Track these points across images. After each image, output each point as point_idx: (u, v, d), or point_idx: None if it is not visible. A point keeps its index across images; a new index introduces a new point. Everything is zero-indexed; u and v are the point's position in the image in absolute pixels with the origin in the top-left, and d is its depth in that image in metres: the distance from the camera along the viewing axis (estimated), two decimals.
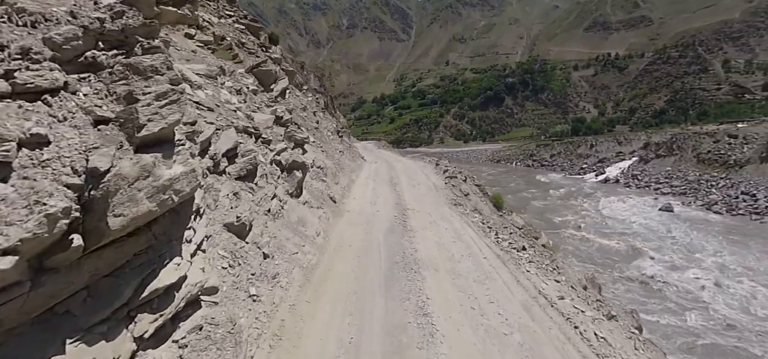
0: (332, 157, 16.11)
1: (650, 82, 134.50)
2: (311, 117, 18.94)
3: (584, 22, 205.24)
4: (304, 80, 45.48)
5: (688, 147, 66.70)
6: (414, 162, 25.99)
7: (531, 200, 46.56)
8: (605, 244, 28.36)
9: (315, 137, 16.41)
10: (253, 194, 7.50)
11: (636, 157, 75.25)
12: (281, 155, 8.89)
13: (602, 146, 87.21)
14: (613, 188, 59.46)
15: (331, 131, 22.31)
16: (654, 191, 55.20)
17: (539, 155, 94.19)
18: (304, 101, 20.17)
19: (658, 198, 50.33)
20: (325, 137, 18.84)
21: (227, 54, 12.46)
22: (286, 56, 43.59)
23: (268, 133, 9.03)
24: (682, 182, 57.14)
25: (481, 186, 16.47)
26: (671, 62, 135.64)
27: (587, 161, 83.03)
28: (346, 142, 27.53)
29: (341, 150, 20.63)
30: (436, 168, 20.51)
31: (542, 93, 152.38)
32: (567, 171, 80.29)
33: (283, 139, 10.38)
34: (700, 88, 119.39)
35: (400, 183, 15.95)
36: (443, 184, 15.79)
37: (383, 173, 18.92)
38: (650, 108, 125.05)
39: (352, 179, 15.93)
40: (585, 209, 42.24)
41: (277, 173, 8.21)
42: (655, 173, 64.53)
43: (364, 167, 20.93)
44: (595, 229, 32.61)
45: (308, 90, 30.73)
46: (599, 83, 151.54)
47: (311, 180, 11.65)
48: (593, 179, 70.79)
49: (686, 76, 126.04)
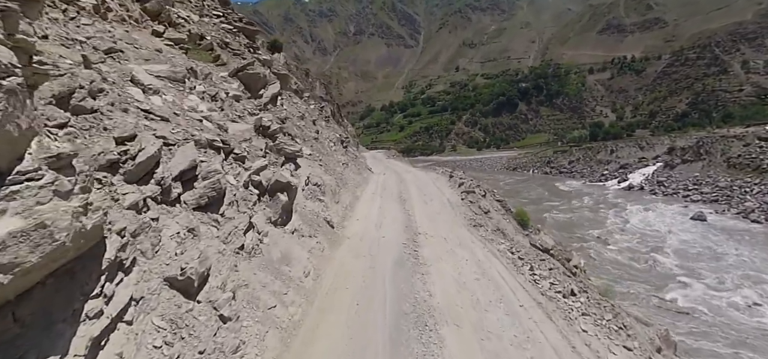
0: (333, 171, 14.43)
1: (670, 85, 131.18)
2: (310, 126, 17.33)
3: (597, 25, 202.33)
4: (309, 87, 44.22)
5: (717, 151, 63.91)
6: (425, 174, 24.17)
7: (551, 211, 44.32)
8: (636, 260, 26.13)
9: (313, 148, 14.78)
10: (219, 229, 5.82)
11: (660, 162, 72.57)
12: (261, 175, 7.23)
13: (623, 151, 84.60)
14: (638, 196, 56.81)
15: (333, 141, 20.66)
16: (683, 198, 52.62)
17: (557, 162, 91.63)
18: (302, 109, 18.59)
19: (688, 206, 47.77)
20: (325, 148, 17.20)
21: (206, 55, 10.99)
22: (291, 63, 42.50)
23: (244, 147, 7.39)
24: (712, 188, 54.45)
25: (504, 202, 14.60)
26: (689, 64, 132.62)
27: (608, 167, 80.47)
28: (352, 152, 25.85)
29: (345, 162, 18.95)
30: (451, 180, 18.65)
31: (557, 98, 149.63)
32: (587, 178, 77.84)
33: (267, 153, 8.75)
34: (721, 90, 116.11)
35: (410, 199, 14.20)
36: (459, 200, 13.95)
37: (392, 187, 17.19)
38: (671, 111, 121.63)
39: (356, 196, 14.22)
40: (610, 220, 39.84)
41: (254, 199, 6.55)
42: (682, 180, 61.82)
43: (371, 181, 19.22)
44: (624, 243, 30.25)
45: (311, 97, 29.28)
46: (616, 87, 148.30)
47: (305, 201, 9.96)
48: (615, 186, 68.30)
49: (706, 78, 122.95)
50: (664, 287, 20.97)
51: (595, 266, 22.63)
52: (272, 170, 7.49)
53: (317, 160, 13.61)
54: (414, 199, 14.27)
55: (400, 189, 16.58)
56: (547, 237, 14.36)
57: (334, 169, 15.00)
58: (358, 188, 15.87)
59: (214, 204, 5.97)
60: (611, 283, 18.83)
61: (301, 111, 17.86)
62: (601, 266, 23.17)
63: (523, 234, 13.50)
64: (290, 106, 17.37)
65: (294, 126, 14.83)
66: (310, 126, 17.60)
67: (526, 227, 13.80)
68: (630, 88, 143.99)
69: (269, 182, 7.35)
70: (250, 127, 9.00)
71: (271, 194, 7.35)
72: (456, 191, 15.62)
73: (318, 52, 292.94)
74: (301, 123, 16.30)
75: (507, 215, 13.98)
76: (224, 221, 6.07)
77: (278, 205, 7.32)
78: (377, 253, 8.30)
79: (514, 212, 14.18)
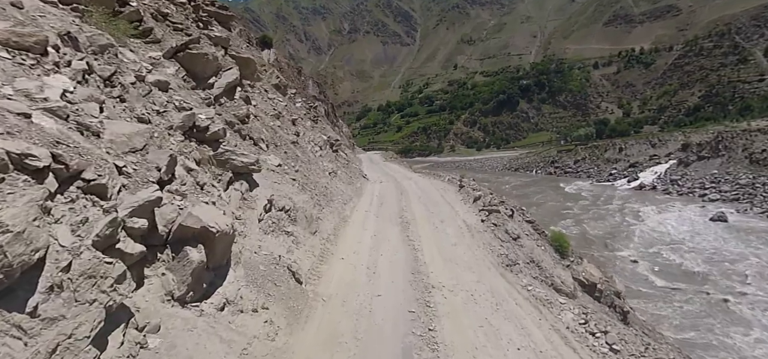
0: (314, 185, 11.23)
1: (681, 78, 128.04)
2: (288, 127, 14.09)
3: (604, 16, 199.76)
4: (301, 86, 41.10)
5: (738, 146, 61.61)
6: (429, 181, 20.78)
7: (561, 214, 41.36)
8: (657, 268, 23.11)
9: (288, 156, 11.55)
10: (26, 346, 2.65)
11: (674, 160, 70.21)
12: (151, 216, 4.04)
13: (633, 149, 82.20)
14: (651, 196, 54.15)
15: (320, 145, 17.41)
16: (699, 197, 50.18)
17: (562, 162, 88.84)
18: (279, 106, 15.34)
19: (706, 206, 45.29)
20: (307, 154, 13.95)
21: (125, 26, 7.84)
22: (282, 61, 39.31)
23: (130, 164, 4.16)
24: (732, 186, 52.16)
25: (535, 223, 11.42)
26: (704, 54, 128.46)
27: (616, 166, 78.00)
28: (344, 157, 22.61)
29: (333, 170, 15.71)
30: (462, 191, 15.46)
31: (560, 95, 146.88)
32: (594, 178, 75.31)
33: (192, 171, 5.54)
34: (739, 81, 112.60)
35: (414, 221, 11.00)
36: (479, 221, 10.78)
37: (390, 202, 14.00)
38: (683, 105, 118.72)
39: (343, 217, 11.01)
40: (624, 223, 37.15)
41: (119, 269, 3.32)
42: (698, 178, 59.44)
43: (365, 192, 16.00)
44: (641, 249, 27.51)
45: (298, 95, 26.00)
46: (623, 81, 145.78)
47: (261, 238, 6.76)
48: (625, 186, 65.94)
49: (722, 69, 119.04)
50: (692, 297, 17.91)
51: (628, 292, 19.46)
52: (176, 207, 4.29)
53: (290, 172, 10.37)
54: (419, 220, 11.06)
55: (400, 205, 13.38)
56: (591, 267, 11.20)
57: (315, 182, 11.77)
58: (347, 205, 12.66)
59: (7, 295, 2.77)
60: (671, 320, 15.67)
61: (277, 109, 14.61)
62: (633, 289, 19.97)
63: (563, 266, 10.35)
64: (263, 101, 14.15)
65: (263, 127, 11.61)
66: (288, 127, 14.36)
67: (565, 254, 10.70)
68: (637, 83, 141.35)
69: (169, 227, 4.15)
70: (164, 129, 5.83)
71: (174, 250, 4.16)
72: (471, 207, 12.39)
73: (312, 51, 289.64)
74: (275, 123, 13.07)
75: (541, 239, 10.85)
76: (38, 327, 2.87)
77: (186, 267, 4.12)
78: (368, 339, 5.08)
79: (550, 236, 11.07)
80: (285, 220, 7.99)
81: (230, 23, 19.24)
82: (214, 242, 4.55)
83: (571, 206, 45.70)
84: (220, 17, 17.31)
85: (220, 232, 4.57)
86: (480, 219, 10.88)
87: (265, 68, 20.75)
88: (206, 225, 4.38)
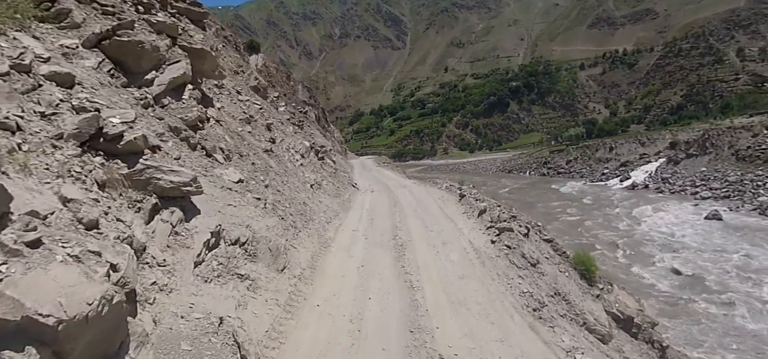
0: (288, 204, 9.07)
1: (663, 78, 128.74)
2: (261, 133, 11.89)
3: (587, 19, 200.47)
4: (290, 91, 38.84)
5: (724, 144, 61.00)
6: (425, 189, 18.59)
7: (557, 215, 39.71)
8: (657, 270, 21.94)
9: (255, 168, 9.35)
10: None
11: (663, 158, 69.49)
12: None
13: (623, 148, 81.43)
14: (644, 195, 53.03)
15: (301, 153, 15.20)
16: (691, 195, 49.41)
17: (554, 162, 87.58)
18: (253, 110, 13.16)
19: (699, 204, 44.60)
20: (284, 164, 11.73)
21: (26, 6, 5.70)
22: (271, 65, 36.97)
23: None
24: (722, 183, 51.56)
25: (554, 243, 9.36)
26: (683, 55, 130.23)
27: (608, 165, 77.07)
28: (331, 165, 20.41)
29: (316, 182, 13.53)
30: (463, 202, 13.30)
31: (549, 96, 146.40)
32: (587, 178, 74.19)
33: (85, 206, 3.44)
34: (717, 80, 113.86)
35: (411, 244, 8.89)
36: (488, 242, 8.68)
37: (382, 217, 11.85)
38: (666, 104, 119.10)
39: (324, 242, 8.86)
40: (619, 224, 35.93)
41: None
42: (688, 176, 58.70)
43: (354, 205, 13.83)
44: (638, 249, 26.39)
45: (280, 98, 23.77)
46: (608, 82, 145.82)
47: (195, 291, 4.64)
48: (618, 185, 64.92)
49: (701, 69, 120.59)
50: (696, 300, 16.21)
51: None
52: None
53: (256, 189, 8.20)
54: (417, 242, 8.95)
55: (394, 220, 11.26)
56: (625, 296, 9.20)
57: (291, 199, 9.61)
58: (331, 223, 10.50)
59: None
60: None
61: (249, 112, 12.41)
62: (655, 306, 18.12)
63: (592, 296, 8.34)
64: (232, 104, 11.95)
65: (226, 134, 9.42)
66: (261, 133, 12.14)
67: (592, 281, 8.70)
68: (622, 83, 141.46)
69: None
70: (45, 138, 3.74)
71: None
72: (477, 223, 10.21)
73: (303, 57, 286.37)
74: (244, 129, 10.88)
75: (563, 263, 8.82)
76: None
77: None
78: None
79: (573, 258, 9.04)
80: (239, 257, 5.84)
81: (204, 21, 17.03)
82: (60, 338, 2.43)
83: (568, 208, 43.99)
84: (192, 15, 15.12)
85: (70, 321, 2.44)
86: (489, 239, 8.78)
87: (242, 69, 18.55)
88: (31, 315, 2.25)
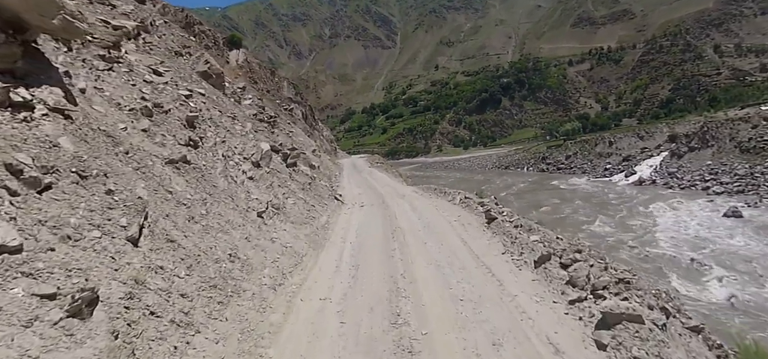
0: (179, 274, 3.60)
1: (650, 73, 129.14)
2: (171, 131, 6.67)
3: (570, 19, 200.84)
4: (274, 88, 34.98)
5: (725, 136, 58.69)
6: (432, 203, 13.38)
7: (569, 215, 36.53)
8: (687, 278, 18.84)
9: (114, 201, 5.43)
10: None
11: (665, 152, 67.26)
12: None
13: (623, 142, 79.03)
14: (653, 191, 50.02)
15: (254, 161, 8.59)
16: (703, 190, 46.46)
17: (553, 158, 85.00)
18: (171, 96, 8.59)
19: (714, 200, 41.40)
20: (207, 183, 6.49)
21: None
22: (253, 61, 32.96)
23: None
24: (731, 176, 48.83)
25: (702, 330, 5.16)
26: (665, 51, 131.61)
27: (610, 160, 74.62)
28: (306, 174, 12.05)
29: (272, 205, 7.30)
30: (495, 230, 8.15)
31: (540, 91, 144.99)
32: (589, 174, 71.39)
33: None
34: (700, 75, 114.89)
35: (430, 339, 4.15)
36: (578, 335, 4.05)
37: (372, 264, 6.73)
38: (655, 98, 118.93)
39: (257, 341, 4.06)
40: (634, 222, 32.56)
41: None
42: (695, 169, 56.04)
43: (332, 234, 8.49)
44: (662, 253, 22.91)
45: (247, 90, 17.27)
46: (597, 77, 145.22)
47: None
48: (624, 180, 62.15)
49: (684, 64, 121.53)
50: None
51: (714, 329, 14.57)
52: None
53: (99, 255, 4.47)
54: (438, 333, 4.28)
55: (393, 270, 6.36)
56: None
57: (199, 253, 4.44)
58: (284, 285, 5.48)
59: None
60: None
61: (159, 100, 7.46)
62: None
63: None
64: (122, 85, 7.40)
65: (73, 135, 5.81)
66: (171, 132, 7.39)
67: None
68: (611, 78, 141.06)
69: None
70: None
71: None
72: (540, 281, 5.57)
73: (293, 57, 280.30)
74: (131, 125, 6.41)
75: None
76: None
77: None
78: None
79: None
80: None
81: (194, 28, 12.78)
82: None
83: (579, 208, 41.05)
84: None
85: None
86: (584, 333, 4.15)
87: (188, 51, 13.62)
88: None
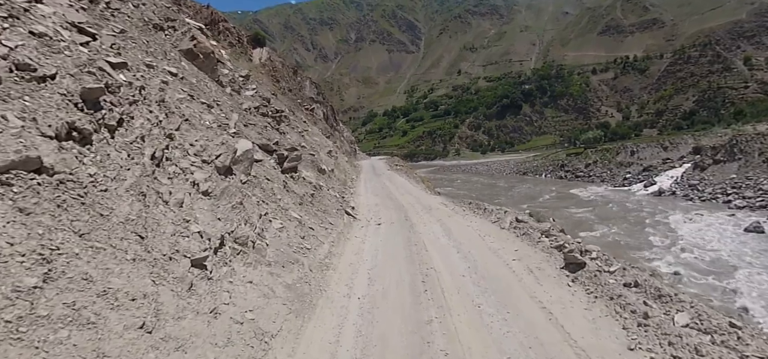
0: None
1: (675, 83, 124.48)
2: None
3: (597, 27, 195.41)
4: (296, 86, 36.60)
5: (754, 150, 56.15)
6: (471, 224, 10.13)
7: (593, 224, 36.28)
8: (713, 293, 18.62)
9: None
10: None
11: (688, 163, 65.09)
12: None
13: (645, 152, 76.87)
14: (672, 202, 48.70)
15: (218, 167, 6.32)
16: (724, 204, 44.88)
17: (572, 166, 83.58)
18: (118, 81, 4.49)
19: (735, 214, 39.97)
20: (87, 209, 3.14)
21: None
22: (276, 60, 34.79)
23: None
24: (756, 192, 46.85)
25: None
26: (693, 62, 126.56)
27: (630, 169, 72.88)
28: (311, 183, 11.15)
29: (242, 239, 5.00)
30: (597, 288, 5.21)
31: (561, 99, 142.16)
32: (608, 182, 69.94)
33: None
34: (728, 87, 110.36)
35: None
36: None
37: (392, 349, 4.02)
38: (678, 110, 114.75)
39: None
40: (656, 234, 32.03)
41: None
42: (718, 183, 53.99)
43: (328, 287, 5.78)
44: (684, 265, 22.54)
45: (250, 80, 13.83)
46: (620, 86, 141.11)
47: None
48: (643, 191, 60.65)
49: (711, 76, 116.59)
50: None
51: None
52: None
53: None
54: None
55: None
56: None
57: None
58: None
59: None
60: None
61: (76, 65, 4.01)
62: None
63: None
64: None
65: None
66: (53, 113, 4.78)
67: None
68: (634, 88, 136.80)
69: None
70: None
71: None
72: None
73: (319, 59, 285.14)
74: None
75: None
76: None
77: None
78: None
79: None
80: None
81: None
82: None
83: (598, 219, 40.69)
84: None
85: None
86: None
87: (173, 26, 11.51)
88: None
